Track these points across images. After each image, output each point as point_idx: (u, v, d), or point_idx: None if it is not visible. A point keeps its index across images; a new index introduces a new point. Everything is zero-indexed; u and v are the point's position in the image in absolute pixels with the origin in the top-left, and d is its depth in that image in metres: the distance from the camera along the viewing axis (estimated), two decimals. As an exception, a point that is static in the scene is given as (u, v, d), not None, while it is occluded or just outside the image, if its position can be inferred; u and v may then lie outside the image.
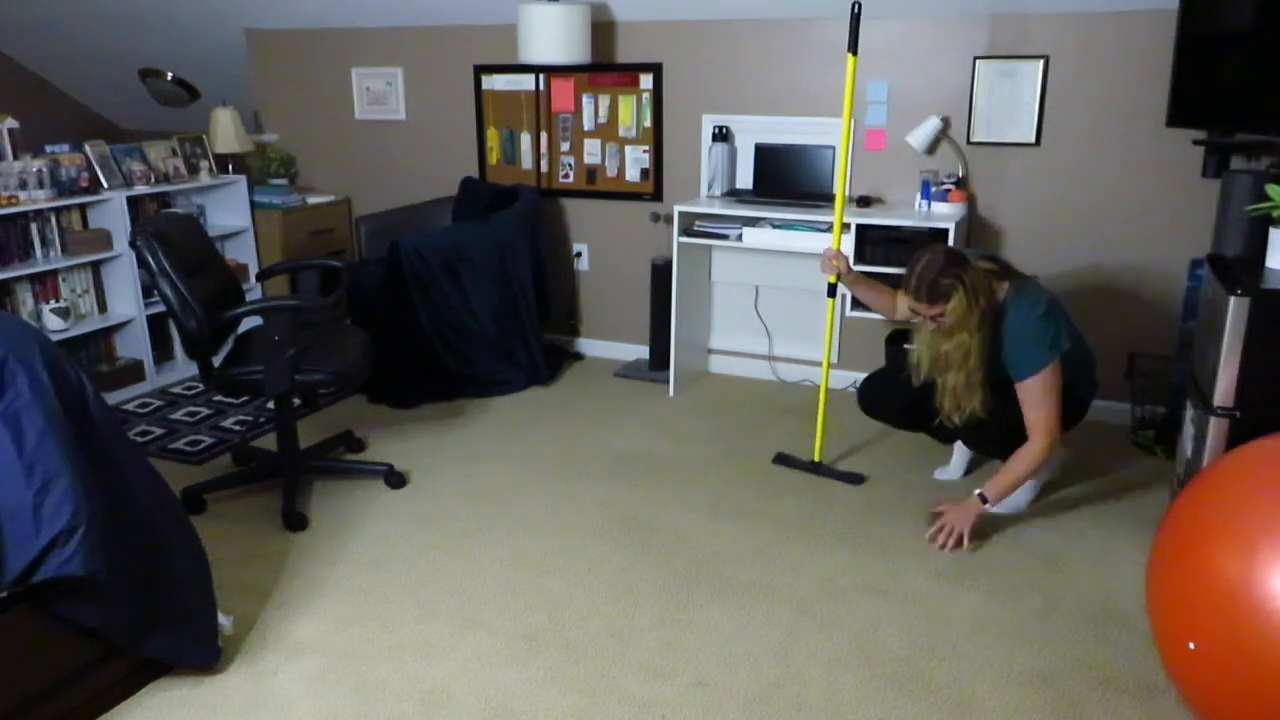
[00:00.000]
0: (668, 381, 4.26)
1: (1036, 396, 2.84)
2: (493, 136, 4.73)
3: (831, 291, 3.38)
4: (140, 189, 4.26)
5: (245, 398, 4.23)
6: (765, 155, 4.09)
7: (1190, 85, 3.34)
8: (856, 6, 3.11)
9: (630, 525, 3.08)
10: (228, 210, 4.76)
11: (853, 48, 3.12)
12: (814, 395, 3.50)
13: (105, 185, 4.14)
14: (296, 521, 3.06)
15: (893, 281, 3.22)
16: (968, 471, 3.39)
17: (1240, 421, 2.64)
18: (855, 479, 3.37)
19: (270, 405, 3.76)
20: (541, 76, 4.53)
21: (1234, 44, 3.27)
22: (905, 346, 3.34)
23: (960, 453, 3.41)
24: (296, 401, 3.63)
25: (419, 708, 2.24)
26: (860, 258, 3.78)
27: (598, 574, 2.80)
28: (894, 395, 3.22)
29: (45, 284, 4.03)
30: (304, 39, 4.98)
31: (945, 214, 3.77)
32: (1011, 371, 2.86)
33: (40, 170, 3.87)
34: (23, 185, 3.85)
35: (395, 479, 3.35)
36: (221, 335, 3.15)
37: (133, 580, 2.17)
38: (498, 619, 2.58)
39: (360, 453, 3.66)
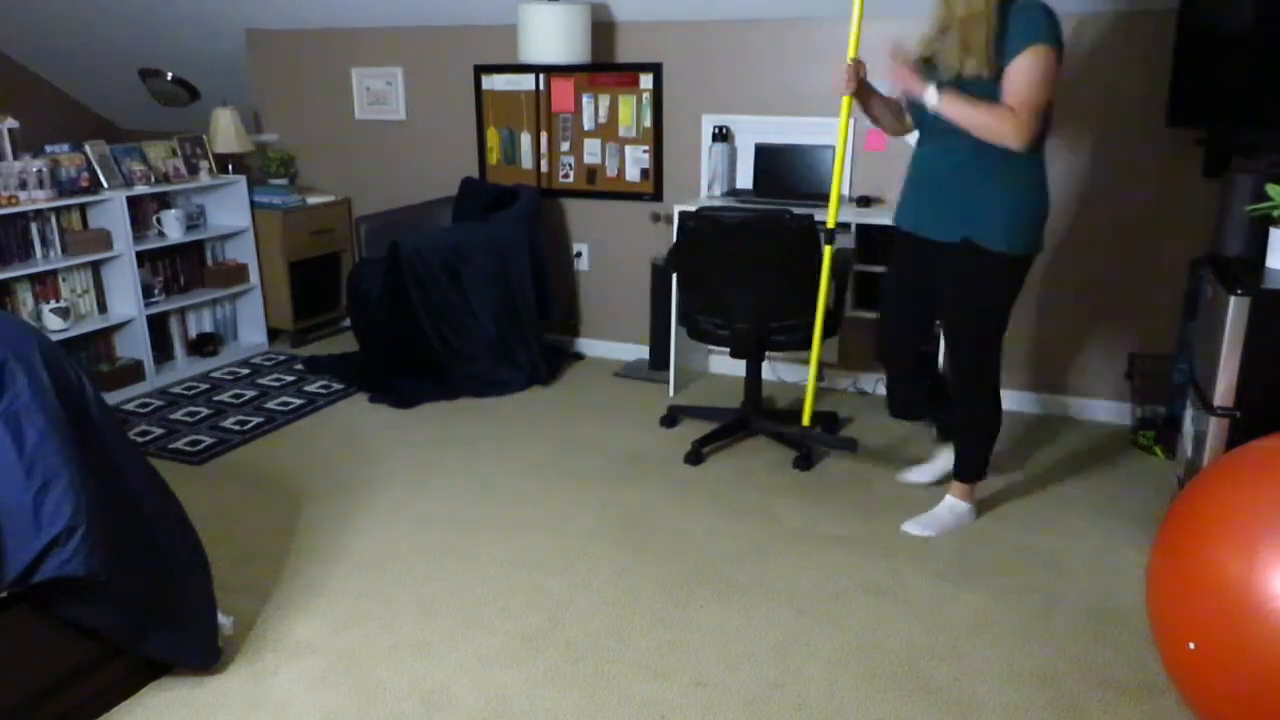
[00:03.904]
0: (668, 381, 4.26)
1: (1024, 76, 2.59)
2: (493, 136, 4.73)
3: (830, 238, 3.17)
4: (140, 189, 4.25)
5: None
6: (765, 155, 4.09)
7: (1190, 85, 3.34)
8: None
9: (630, 525, 3.08)
10: (228, 210, 4.75)
11: None
12: (814, 395, 3.51)
13: (105, 185, 4.14)
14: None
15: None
16: (939, 482, 3.26)
17: (1240, 421, 2.64)
18: (849, 444, 3.46)
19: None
20: (541, 76, 4.53)
21: (1234, 44, 3.27)
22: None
23: (941, 459, 3.29)
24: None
25: (419, 708, 2.24)
26: (860, 258, 3.78)
27: (598, 574, 2.80)
28: (917, 389, 3.18)
29: (45, 284, 4.03)
30: (304, 39, 4.98)
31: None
32: (1006, 56, 2.62)
33: (40, 170, 3.87)
34: (23, 185, 3.85)
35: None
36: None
37: (133, 580, 2.17)
38: (498, 619, 2.58)
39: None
